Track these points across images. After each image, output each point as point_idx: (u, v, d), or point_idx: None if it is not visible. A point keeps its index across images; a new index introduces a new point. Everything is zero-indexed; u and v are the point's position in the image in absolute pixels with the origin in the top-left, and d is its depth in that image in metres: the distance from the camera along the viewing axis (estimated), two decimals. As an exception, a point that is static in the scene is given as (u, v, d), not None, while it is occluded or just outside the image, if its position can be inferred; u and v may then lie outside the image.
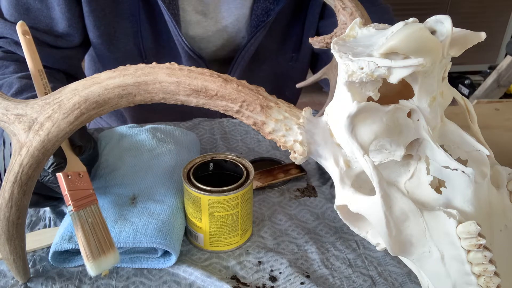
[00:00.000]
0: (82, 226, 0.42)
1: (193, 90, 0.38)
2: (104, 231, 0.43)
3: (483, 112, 0.86)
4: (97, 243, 0.42)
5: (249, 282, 0.47)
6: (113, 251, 0.43)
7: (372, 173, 0.36)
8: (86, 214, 0.43)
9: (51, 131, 0.38)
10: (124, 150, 0.60)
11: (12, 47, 0.68)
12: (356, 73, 0.36)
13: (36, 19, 0.68)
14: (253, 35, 0.77)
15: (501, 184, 0.41)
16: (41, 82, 0.49)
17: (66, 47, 0.72)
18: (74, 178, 0.45)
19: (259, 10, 0.77)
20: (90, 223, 0.43)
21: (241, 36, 0.81)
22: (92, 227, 0.43)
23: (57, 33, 0.70)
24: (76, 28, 0.71)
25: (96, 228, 0.43)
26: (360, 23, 0.40)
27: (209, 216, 0.48)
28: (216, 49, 0.82)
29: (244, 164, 0.52)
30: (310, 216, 0.57)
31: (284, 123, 0.38)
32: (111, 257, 0.43)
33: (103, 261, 0.42)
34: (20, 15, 0.67)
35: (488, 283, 0.35)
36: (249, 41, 0.78)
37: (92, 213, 0.44)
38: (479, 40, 0.38)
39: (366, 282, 0.48)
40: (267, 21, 0.76)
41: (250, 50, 0.79)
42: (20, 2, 0.67)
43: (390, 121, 0.37)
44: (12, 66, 0.66)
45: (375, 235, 0.44)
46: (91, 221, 0.43)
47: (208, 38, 0.80)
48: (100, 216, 0.44)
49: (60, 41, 0.71)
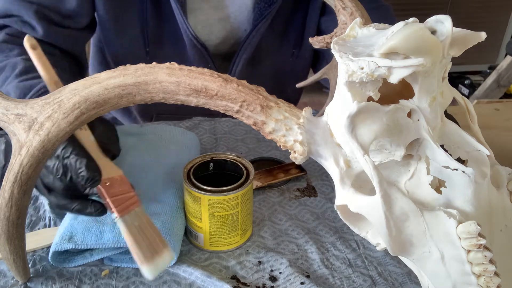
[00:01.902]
0: (130, 231, 0.41)
1: (193, 90, 0.38)
2: (153, 231, 0.42)
3: (483, 112, 0.86)
4: (148, 245, 0.41)
5: (249, 282, 0.47)
6: (166, 249, 0.42)
7: (372, 173, 0.36)
8: (132, 218, 0.42)
9: (51, 131, 0.38)
10: (124, 150, 0.60)
11: (18, 25, 0.68)
12: (356, 73, 0.36)
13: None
14: (254, 26, 0.78)
15: (501, 184, 0.41)
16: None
17: (74, 28, 0.73)
18: (113, 183, 0.44)
19: (262, 3, 0.78)
20: (137, 226, 0.42)
21: (243, 29, 0.82)
22: (141, 229, 0.42)
23: (65, 13, 0.70)
24: (85, 8, 0.72)
25: (144, 230, 0.42)
26: (360, 23, 0.40)
27: (209, 216, 0.48)
28: (219, 42, 0.82)
29: (244, 164, 0.52)
30: (310, 216, 0.57)
31: (284, 123, 0.38)
32: (165, 256, 0.42)
33: (158, 262, 0.41)
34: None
35: (488, 283, 0.35)
36: (251, 32, 0.78)
37: (138, 216, 0.43)
38: (479, 40, 0.38)
39: (366, 282, 0.48)
40: (269, 11, 0.77)
41: (252, 43, 0.80)
42: None
43: (390, 121, 0.37)
44: (16, 50, 0.65)
45: (375, 235, 0.44)
46: (137, 224, 0.42)
47: (211, 27, 0.80)
48: (146, 217, 0.43)
49: (67, 21, 0.71)
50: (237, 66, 0.82)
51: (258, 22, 0.78)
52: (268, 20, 0.78)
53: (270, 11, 0.77)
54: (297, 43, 0.87)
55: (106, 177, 0.44)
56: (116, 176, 0.45)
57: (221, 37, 0.82)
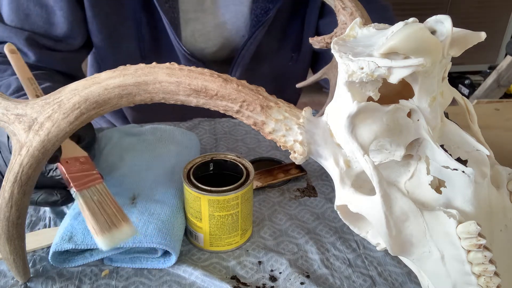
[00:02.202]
0: (87, 204, 0.41)
1: (193, 90, 0.38)
2: (114, 207, 0.42)
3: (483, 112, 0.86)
4: (107, 218, 0.41)
5: (249, 282, 0.47)
6: (127, 224, 0.42)
7: (372, 173, 0.36)
8: (91, 193, 0.42)
9: (51, 131, 0.38)
10: (124, 150, 0.60)
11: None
12: (356, 73, 0.36)
13: (35, 24, 0.69)
14: (252, 33, 0.78)
15: (501, 184, 0.41)
16: (31, 87, 0.50)
17: (67, 50, 0.73)
18: (74, 162, 0.44)
19: (258, 10, 0.77)
20: (96, 200, 0.42)
21: (240, 35, 0.81)
22: (99, 204, 0.42)
23: (57, 37, 0.71)
24: (78, 32, 0.72)
25: (104, 204, 0.42)
26: (360, 23, 0.40)
27: (209, 216, 0.48)
28: (217, 49, 0.82)
29: (244, 164, 0.52)
30: (310, 216, 0.57)
31: (284, 123, 0.38)
32: (125, 229, 0.41)
33: (115, 234, 0.41)
34: (20, 20, 0.68)
35: (488, 283, 0.35)
36: (248, 39, 0.78)
37: (98, 191, 0.43)
38: (479, 40, 0.38)
39: (366, 282, 0.48)
40: (266, 19, 0.76)
41: (250, 49, 0.80)
42: (20, 7, 0.67)
43: (390, 121, 0.37)
44: (10, 70, 0.66)
45: (375, 235, 0.44)
46: (97, 199, 0.42)
47: (208, 34, 0.80)
48: (108, 193, 0.43)
49: (60, 44, 0.71)
50: (235, 72, 0.82)
51: (256, 30, 0.77)
52: (265, 27, 0.78)
53: (267, 19, 0.76)
54: (296, 47, 0.86)
55: (67, 157, 0.45)
56: (79, 156, 0.46)
57: (219, 44, 0.82)
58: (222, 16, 0.79)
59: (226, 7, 0.78)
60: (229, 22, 0.80)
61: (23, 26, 0.68)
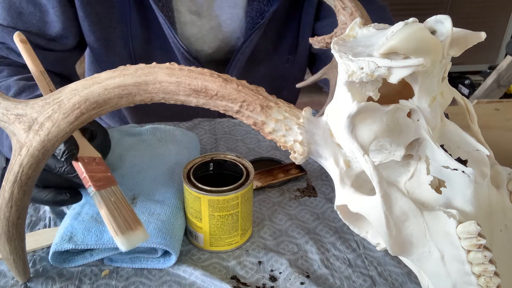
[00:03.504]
0: (105, 204, 0.41)
1: (193, 90, 0.38)
2: (128, 209, 0.42)
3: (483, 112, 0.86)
4: (124, 220, 0.41)
5: (249, 282, 0.47)
6: (141, 228, 0.42)
7: (372, 173, 0.36)
8: (108, 194, 0.42)
9: (51, 131, 0.38)
10: (124, 150, 0.60)
11: (4, 52, 0.68)
12: (356, 73, 0.36)
13: (29, 23, 0.68)
14: (248, 36, 0.77)
15: (501, 184, 0.41)
16: (45, 81, 0.49)
17: (60, 50, 0.73)
18: (90, 162, 0.44)
19: (253, 12, 0.77)
20: (113, 202, 0.41)
21: (236, 37, 0.81)
22: (116, 205, 0.41)
23: (50, 37, 0.70)
24: (70, 31, 0.72)
25: (120, 206, 0.42)
26: (360, 23, 0.40)
27: (209, 216, 0.48)
28: (212, 52, 0.82)
29: (244, 164, 0.52)
30: (310, 216, 0.57)
31: (284, 123, 0.38)
32: (140, 233, 0.41)
33: (132, 236, 0.40)
34: (13, 19, 0.67)
35: (488, 283, 0.35)
36: (244, 42, 0.78)
37: (114, 193, 0.42)
38: (479, 40, 0.38)
39: (366, 282, 0.48)
40: (261, 23, 0.76)
41: (246, 52, 0.79)
42: (13, 6, 0.67)
43: (390, 121, 0.37)
44: (6, 71, 0.66)
45: (375, 235, 0.44)
46: (114, 200, 0.42)
47: (203, 37, 0.80)
48: (122, 196, 0.43)
49: (53, 44, 0.71)
50: (231, 74, 0.82)
51: (252, 33, 0.77)
52: (261, 30, 0.77)
53: (263, 22, 0.76)
54: (292, 49, 0.86)
55: (84, 156, 0.44)
56: (95, 157, 0.45)
57: (214, 47, 0.82)
58: (217, 18, 0.79)
59: (221, 9, 0.78)
60: (224, 25, 0.79)
61: (16, 25, 0.67)
